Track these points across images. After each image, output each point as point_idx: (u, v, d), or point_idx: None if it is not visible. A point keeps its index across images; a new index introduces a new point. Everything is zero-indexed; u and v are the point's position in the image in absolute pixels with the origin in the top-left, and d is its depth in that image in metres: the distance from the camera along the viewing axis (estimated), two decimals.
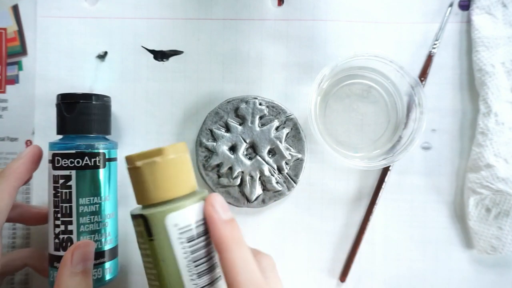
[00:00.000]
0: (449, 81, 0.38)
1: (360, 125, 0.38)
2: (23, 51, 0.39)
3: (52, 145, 0.33)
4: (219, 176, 0.37)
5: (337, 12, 0.38)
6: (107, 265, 0.33)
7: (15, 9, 0.39)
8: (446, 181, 0.38)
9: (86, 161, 0.32)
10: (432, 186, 0.38)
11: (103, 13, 0.38)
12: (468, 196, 0.37)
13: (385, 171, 0.38)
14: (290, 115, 0.37)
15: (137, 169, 0.27)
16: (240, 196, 0.37)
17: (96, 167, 0.33)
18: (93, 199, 0.32)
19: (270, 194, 0.37)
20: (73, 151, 0.32)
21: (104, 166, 0.33)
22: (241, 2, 0.38)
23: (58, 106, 0.33)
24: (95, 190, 0.33)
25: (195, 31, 0.39)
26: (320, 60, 0.38)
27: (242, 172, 0.37)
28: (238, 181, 0.37)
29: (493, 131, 0.36)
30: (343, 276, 0.38)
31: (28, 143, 0.39)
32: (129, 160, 0.27)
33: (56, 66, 0.38)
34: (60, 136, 0.34)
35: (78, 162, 0.32)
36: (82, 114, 0.33)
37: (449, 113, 0.38)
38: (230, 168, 0.37)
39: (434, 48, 0.38)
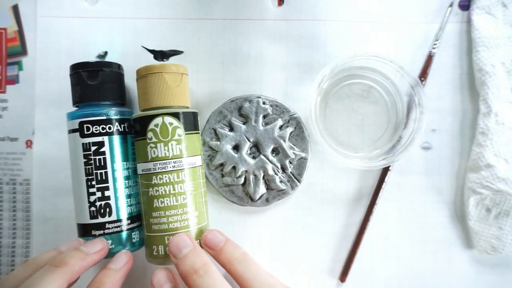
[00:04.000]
0: (449, 81, 0.38)
1: (360, 125, 0.38)
2: (23, 51, 0.39)
3: (76, 114, 0.33)
4: (222, 175, 0.37)
5: (337, 12, 0.38)
6: (141, 228, 0.34)
7: (15, 9, 0.39)
8: (446, 181, 0.38)
9: (117, 126, 0.33)
10: (432, 186, 0.38)
11: (103, 13, 0.38)
12: (468, 196, 0.37)
13: (385, 171, 0.38)
14: (294, 114, 0.37)
15: (143, 79, 0.33)
16: (244, 195, 0.37)
17: (126, 132, 0.34)
18: (126, 164, 0.34)
19: (274, 193, 0.37)
20: (104, 117, 0.33)
21: (131, 132, 0.34)
22: (241, 2, 0.38)
23: (77, 74, 0.33)
24: (127, 155, 0.34)
25: (195, 31, 0.38)
26: (320, 60, 0.38)
27: (246, 171, 0.37)
28: (242, 180, 0.37)
29: (493, 131, 0.36)
30: (343, 276, 0.38)
31: (28, 143, 0.39)
32: (138, 71, 0.34)
33: (56, 66, 0.38)
34: (74, 108, 0.34)
35: (109, 128, 0.33)
36: (105, 82, 0.34)
37: (449, 113, 0.38)
38: (234, 167, 0.37)
39: (434, 48, 0.38)
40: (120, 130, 0.33)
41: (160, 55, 0.39)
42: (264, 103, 0.37)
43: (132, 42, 0.39)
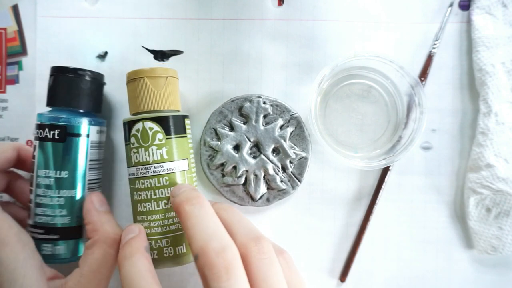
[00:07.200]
0: (449, 81, 0.38)
1: (360, 125, 0.38)
2: (23, 51, 0.39)
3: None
4: (223, 175, 0.37)
5: (337, 12, 0.38)
6: (61, 243, 0.33)
7: (15, 9, 0.39)
8: (446, 181, 0.38)
9: (46, 132, 0.33)
10: (432, 186, 0.38)
11: (103, 13, 0.38)
12: (468, 196, 0.37)
13: (385, 171, 0.38)
14: (295, 113, 0.37)
15: (130, 84, 0.33)
16: (245, 195, 0.37)
17: (54, 140, 0.33)
18: (48, 172, 0.33)
19: (275, 193, 0.37)
20: (38, 122, 0.33)
21: (63, 140, 0.33)
22: (241, 2, 0.38)
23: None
24: (51, 163, 0.33)
25: (195, 31, 0.39)
26: (320, 60, 0.38)
27: (247, 171, 0.37)
28: (243, 180, 0.37)
29: (493, 131, 0.36)
30: (343, 276, 0.38)
31: (29, 143, 0.39)
32: (128, 75, 0.33)
33: None
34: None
35: (40, 133, 0.33)
36: (56, 87, 0.34)
37: (449, 113, 0.38)
38: (235, 167, 0.37)
39: (434, 48, 0.38)
40: (49, 136, 0.32)
41: (160, 55, 0.39)
42: (264, 102, 0.37)
43: (132, 42, 0.39)
